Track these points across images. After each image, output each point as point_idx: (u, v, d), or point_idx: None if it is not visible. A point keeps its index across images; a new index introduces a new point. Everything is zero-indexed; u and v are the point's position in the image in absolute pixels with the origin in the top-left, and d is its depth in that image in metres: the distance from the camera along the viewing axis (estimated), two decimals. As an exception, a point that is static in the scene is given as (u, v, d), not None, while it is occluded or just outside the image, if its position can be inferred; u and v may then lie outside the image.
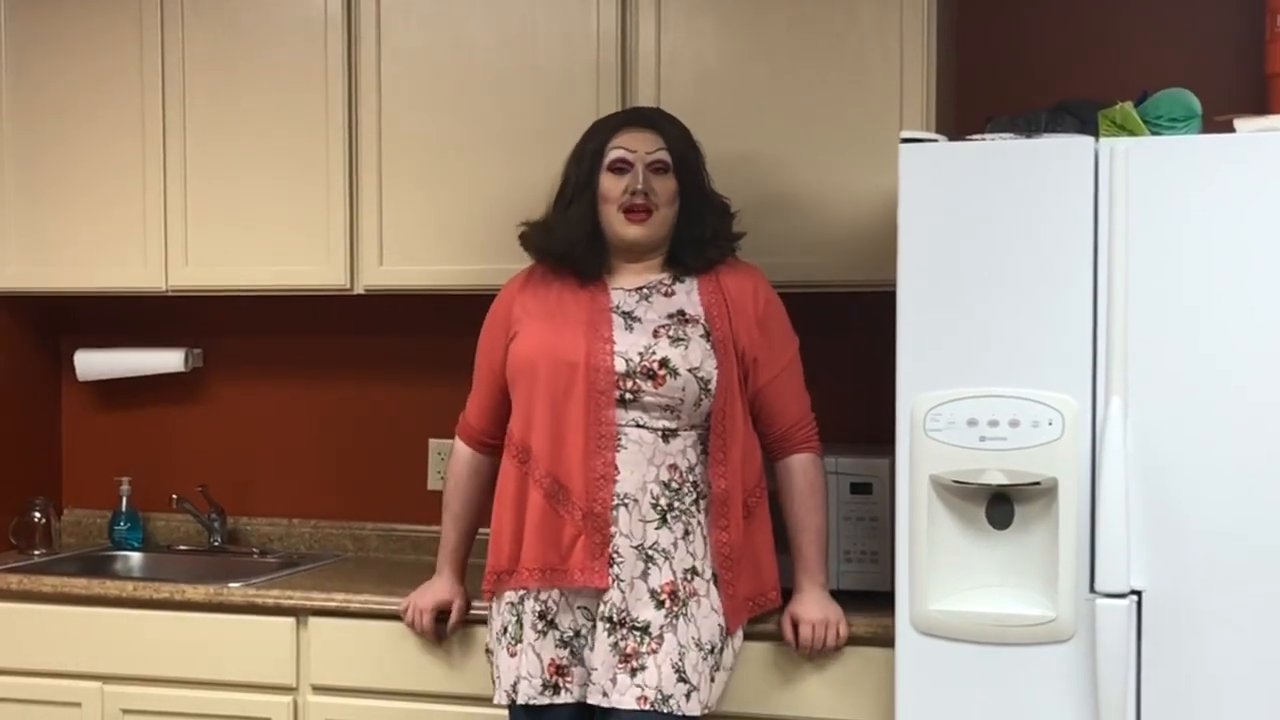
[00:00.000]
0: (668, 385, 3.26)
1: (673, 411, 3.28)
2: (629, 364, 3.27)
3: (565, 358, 3.29)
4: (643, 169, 3.33)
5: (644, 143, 3.36)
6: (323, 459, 4.56)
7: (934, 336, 3.19)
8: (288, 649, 3.88)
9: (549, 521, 3.28)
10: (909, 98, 3.67)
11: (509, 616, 3.37)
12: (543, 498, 3.29)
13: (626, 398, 3.27)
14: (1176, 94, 3.33)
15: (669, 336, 3.30)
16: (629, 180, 3.33)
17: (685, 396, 3.27)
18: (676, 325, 3.32)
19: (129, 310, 4.60)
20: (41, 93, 4.37)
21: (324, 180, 4.12)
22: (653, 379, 3.26)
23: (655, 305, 3.36)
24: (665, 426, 3.29)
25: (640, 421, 3.28)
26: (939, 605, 3.20)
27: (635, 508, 3.27)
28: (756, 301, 3.39)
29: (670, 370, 3.27)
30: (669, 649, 3.22)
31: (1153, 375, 3.08)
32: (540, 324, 3.37)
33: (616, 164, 3.35)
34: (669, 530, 3.28)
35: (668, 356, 3.27)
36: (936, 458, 3.17)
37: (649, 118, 3.45)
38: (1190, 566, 3.08)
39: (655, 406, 3.28)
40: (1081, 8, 3.98)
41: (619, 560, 3.25)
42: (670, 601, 3.25)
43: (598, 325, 3.32)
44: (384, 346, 4.51)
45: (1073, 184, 3.11)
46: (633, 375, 3.27)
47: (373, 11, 4.08)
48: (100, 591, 4.02)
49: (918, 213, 3.20)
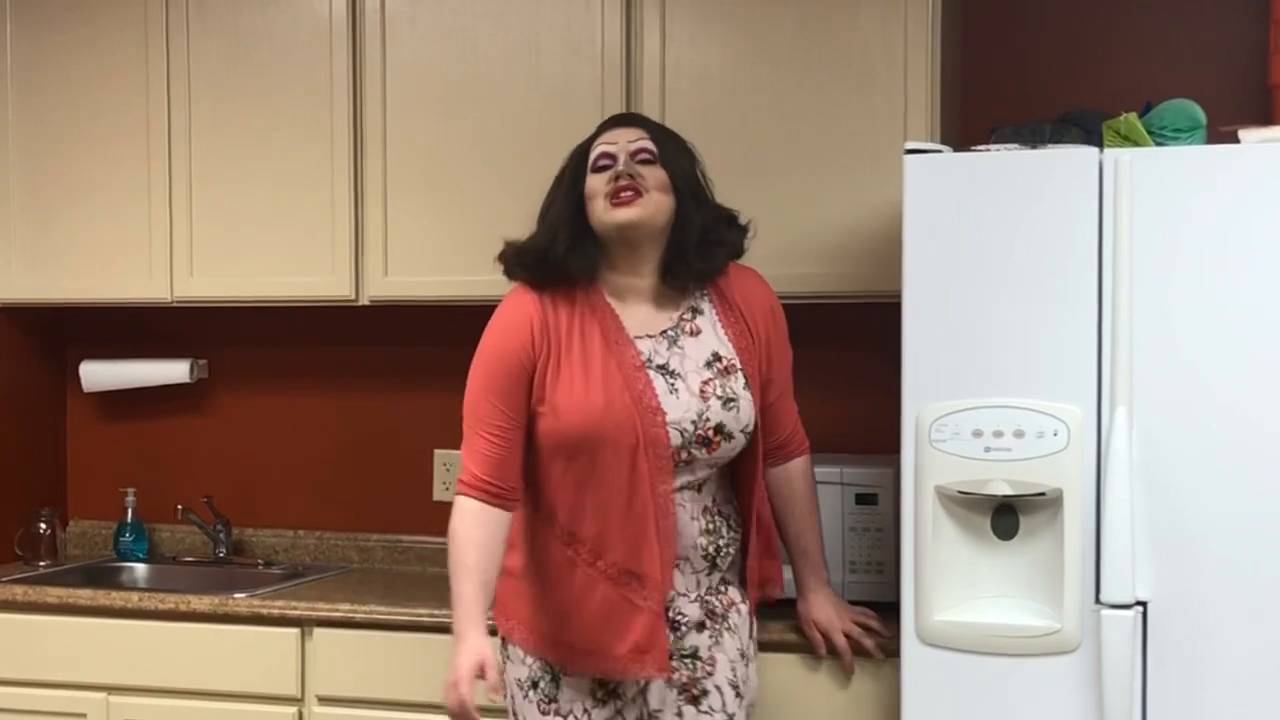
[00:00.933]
0: (721, 449, 3.12)
1: (716, 469, 3.17)
2: (684, 436, 3.08)
3: (624, 439, 3.03)
4: (625, 158, 3.11)
5: (625, 135, 3.15)
6: (328, 470, 4.56)
7: (939, 347, 3.19)
8: (292, 660, 3.88)
9: (620, 613, 3.06)
10: (913, 109, 3.67)
11: (541, 673, 3.17)
12: (611, 587, 3.06)
13: (679, 467, 3.09)
14: (1181, 105, 3.33)
15: (718, 397, 3.11)
16: (612, 171, 3.10)
17: (733, 453, 3.16)
18: (719, 379, 3.13)
19: (134, 321, 4.61)
20: (47, 104, 4.38)
21: (329, 191, 4.12)
22: (707, 445, 3.10)
23: (688, 352, 3.14)
24: (704, 478, 3.15)
25: (684, 484, 3.11)
26: (944, 616, 3.20)
27: (687, 564, 3.13)
28: (773, 320, 3.26)
29: (725, 435, 3.11)
30: (723, 669, 3.16)
31: (1158, 385, 3.08)
32: (576, 398, 3.07)
33: (599, 160, 3.13)
34: (718, 570, 3.19)
35: (722, 422, 3.11)
36: (941, 468, 3.17)
37: (629, 117, 3.32)
38: (1196, 577, 3.07)
39: (704, 466, 3.13)
40: (1086, 19, 3.98)
41: (684, 620, 3.14)
42: (710, 621, 3.16)
43: (637, 389, 3.06)
44: (389, 357, 4.51)
45: (1077, 195, 3.11)
46: (687, 446, 3.08)
47: (378, 23, 4.09)
48: (105, 602, 4.02)
49: (922, 224, 3.20)
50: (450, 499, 4.39)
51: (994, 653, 3.17)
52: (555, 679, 3.14)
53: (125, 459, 4.72)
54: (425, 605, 3.82)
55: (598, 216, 3.10)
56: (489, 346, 3.15)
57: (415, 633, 3.78)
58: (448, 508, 4.43)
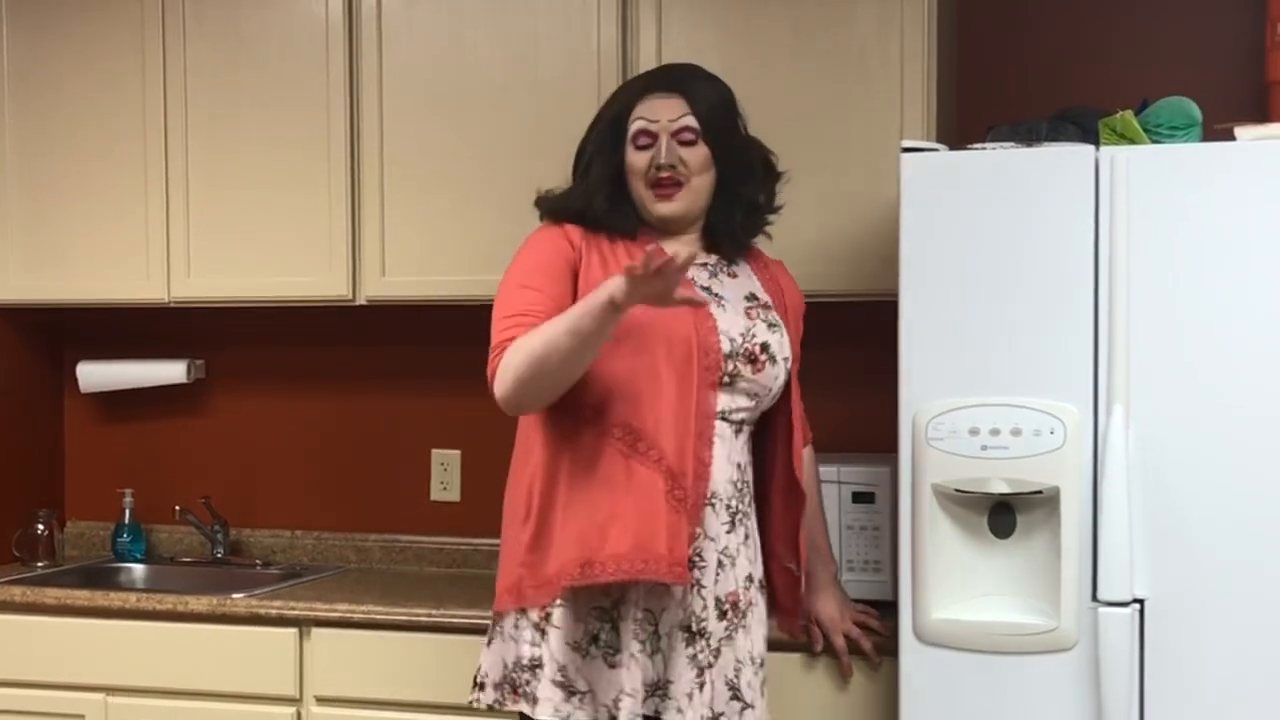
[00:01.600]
0: (765, 372, 3.03)
1: (755, 401, 3.05)
2: (733, 344, 2.99)
3: (678, 331, 2.93)
4: (667, 140, 3.02)
5: (667, 110, 3.04)
6: (325, 470, 4.56)
7: (935, 346, 3.19)
8: (290, 660, 3.88)
9: (672, 513, 2.91)
10: (909, 107, 3.68)
11: (597, 623, 2.98)
12: (665, 487, 2.90)
13: (725, 381, 2.98)
14: (1177, 102, 3.33)
15: (763, 320, 3.07)
16: (654, 154, 3.02)
17: (774, 386, 3.06)
18: (760, 309, 3.09)
19: (131, 322, 4.61)
20: (44, 105, 4.38)
21: (326, 191, 4.12)
22: (753, 363, 3.00)
23: (726, 285, 3.10)
24: (742, 419, 3.03)
25: (725, 412, 3.00)
26: (941, 614, 3.20)
27: (719, 508, 3.01)
28: (798, 296, 3.26)
29: (770, 356, 3.03)
30: (724, 664, 3.05)
31: (1154, 383, 3.08)
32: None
33: (640, 137, 3.04)
34: (735, 534, 3.05)
35: (768, 341, 3.04)
36: (938, 467, 3.17)
37: (674, 80, 3.10)
38: (1193, 575, 3.07)
39: (744, 394, 3.02)
40: (1081, 17, 3.98)
41: (700, 564, 2.99)
42: (732, 613, 3.05)
43: (686, 294, 2.88)
44: (386, 357, 4.51)
45: (1073, 193, 3.11)
46: (735, 357, 2.99)
47: (374, 23, 4.09)
48: (103, 603, 4.02)
49: (918, 222, 3.20)
50: (448, 499, 4.44)
51: (991, 651, 3.17)
52: (613, 624, 2.97)
53: (123, 460, 4.72)
54: (423, 605, 3.83)
55: (639, 200, 3.06)
56: (521, 259, 3.04)
57: (413, 632, 3.78)
58: (445, 507, 4.48)
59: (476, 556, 4.37)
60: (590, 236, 3.03)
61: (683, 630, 2.98)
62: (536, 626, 2.99)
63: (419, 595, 3.97)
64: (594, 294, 2.78)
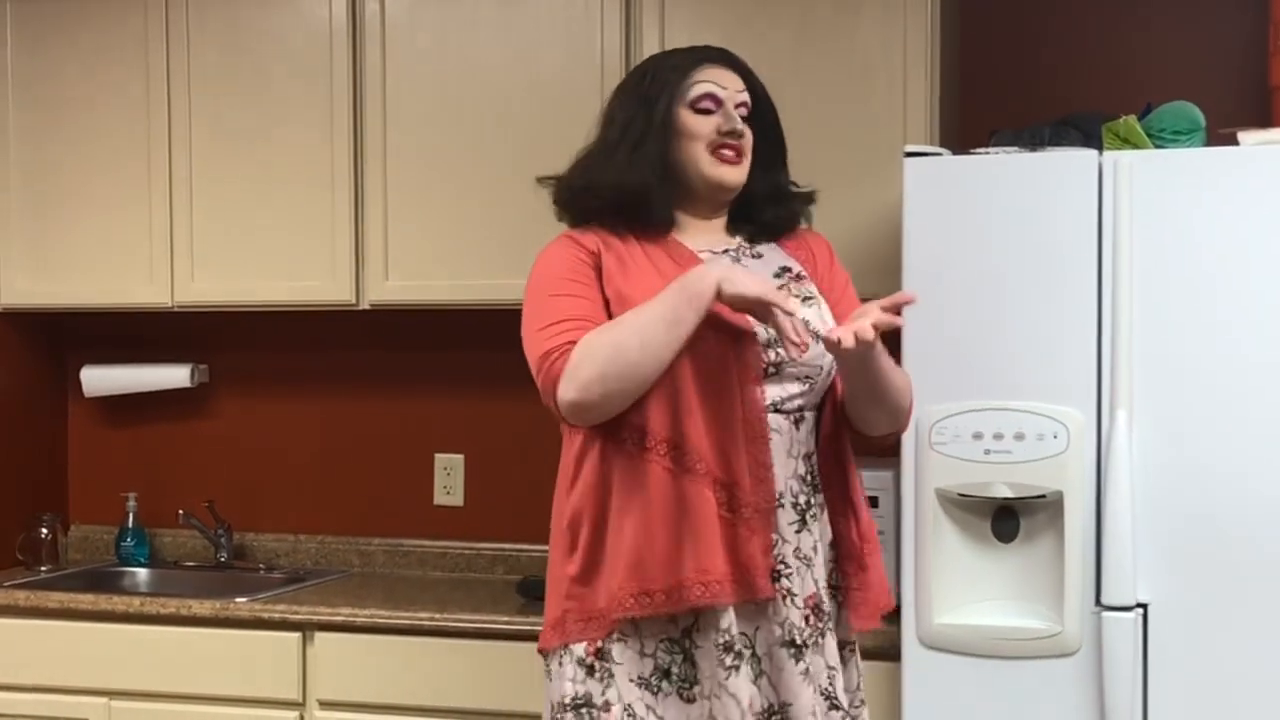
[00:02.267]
0: (811, 352, 2.68)
1: (809, 386, 2.75)
2: (768, 330, 2.68)
3: (706, 327, 2.65)
4: (732, 108, 2.82)
5: (731, 81, 2.84)
6: (329, 474, 4.57)
7: (938, 350, 3.19)
8: (294, 664, 3.88)
9: (729, 527, 2.66)
10: (912, 112, 3.68)
11: (667, 656, 2.71)
12: (717, 500, 2.66)
13: (769, 371, 2.71)
14: (1180, 107, 3.34)
15: (795, 295, 2.77)
16: (720, 119, 2.80)
17: (824, 364, 2.75)
18: (793, 282, 2.82)
19: (135, 326, 4.61)
20: (48, 110, 4.38)
21: (329, 196, 4.13)
22: (794, 345, 2.63)
23: (752, 269, 2.80)
24: (798, 406, 2.75)
25: (777, 403, 2.72)
26: (945, 619, 3.20)
27: (787, 508, 2.74)
28: (836, 263, 2.95)
29: (812, 333, 2.68)
30: (816, 673, 2.75)
31: (1158, 388, 3.08)
32: (647, 281, 2.73)
33: (704, 100, 2.80)
34: (808, 533, 2.75)
35: (807, 319, 2.70)
36: (942, 471, 3.18)
37: (727, 56, 2.91)
38: (1196, 579, 3.07)
39: (793, 379, 2.73)
40: (1085, 22, 3.98)
41: (786, 571, 2.71)
42: (814, 616, 2.75)
43: None
44: (390, 362, 4.51)
45: (1077, 197, 3.12)
46: (774, 343, 2.70)
47: (378, 28, 4.09)
48: (107, 607, 4.02)
49: (921, 226, 3.20)
50: (451, 503, 4.44)
51: (995, 655, 3.17)
52: (686, 654, 2.71)
53: (126, 464, 4.72)
54: (426, 609, 3.83)
55: (694, 163, 2.80)
56: (541, 273, 2.80)
57: (416, 636, 3.78)
58: (448, 512, 4.48)
59: (480, 561, 4.38)
60: (605, 238, 2.80)
61: (785, 646, 2.71)
62: (582, 663, 2.73)
63: (422, 599, 3.97)
64: (690, 281, 2.62)
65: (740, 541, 2.66)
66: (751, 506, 2.67)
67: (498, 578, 4.30)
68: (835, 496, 2.81)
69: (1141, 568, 3.08)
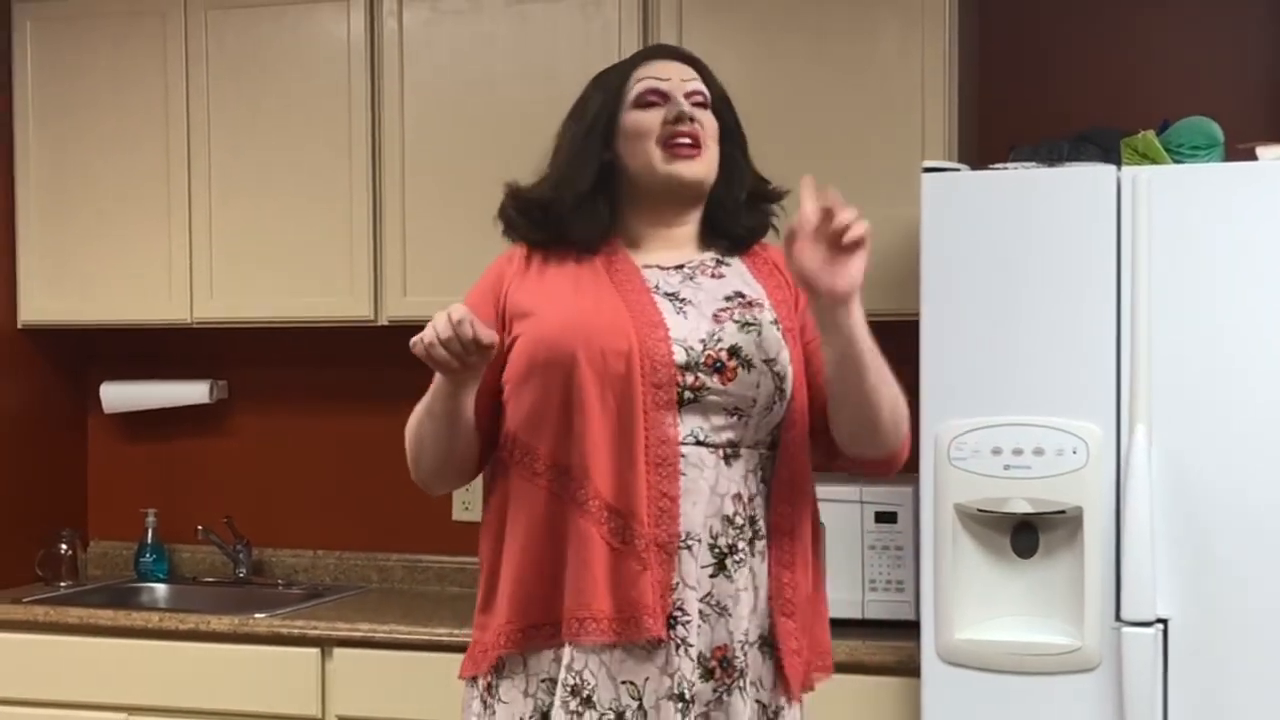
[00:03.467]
0: (739, 380, 2.47)
1: (740, 418, 2.50)
2: (689, 354, 2.47)
3: (611, 345, 2.46)
4: (681, 98, 2.56)
5: (676, 71, 2.61)
6: (347, 490, 4.57)
7: (957, 365, 3.19)
8: (313, 680, 3.88)
9: (618, 559, 2.44)
10: (930, 127, 3.68)
11: (547, 697, 2.51)
12: (605, 531, 2.45)
13: (686, 397, 2.46)
14: (1198, 122, 3.34)
15: (735, 321, 2.52)
16: (666, 110, 2.55)
17: (759, 396, 2.49)
18: (740, 309, 2.54)
19: (154, 343, 4.62)
20: (67, 127, 4.40)
21: (348, 213, 4.14)
22: (720, 373, 2.47)
23: (704, 287, 2.57)
24: (729, 441, 2.50)
25: (700, 435, 2.48)
26: (964, 634, 3.19)
27: (698, 549, 2.48)
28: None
29: (743, 361, 2.48)
30: None
31: (1177, 403, 3.08)
32: (559, 304, 2.53)
33: (647, 96, 2.58)
34: (727, 579, 2.50)
35: (738, 344, 2.49)
36: (961, 486, 3.17)
37: (674, 50, 2.74)
38: (1217, 595, 3.07)
39: (720, 411, 2.48)
40: (1103, 37, 3.98)
41: (684, 619, 2.46)
42: (721, 671, 2.49)
43: (635, 301, 2.52)
44: (408, 377, 4.48)
45: (1095, 212, 3.12)
46: (694, 368, 2.47)
47: (395, 45, 4.10)
48: (126, 623, 4.03)
49: (940, 242, 3.20)
50: (470, 518, 4.43)
51: (1015, 671, 3.17)
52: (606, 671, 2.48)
53: (146, 480, 4.73)
54: (445, 625, 3.83)
55: (648, 163, 2.56)
56: (467, 296, 2.65)
57: (435, 652, 3.78)
58: (467, 527, 4.47)
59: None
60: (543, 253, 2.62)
61: (673, 700, 2.45)
62: (481, 698, 2.59)
63: (441, 615, 3.97)
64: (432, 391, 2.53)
65: (628, 576, 2.44)
66: (648, 539, 2.44)
67: (516, 593, 4.30)
68: (782, 545, 2.55)
69: (1161, 583, 3.08)
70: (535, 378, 2.51)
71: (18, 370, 4.55)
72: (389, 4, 4.11)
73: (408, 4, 4.10)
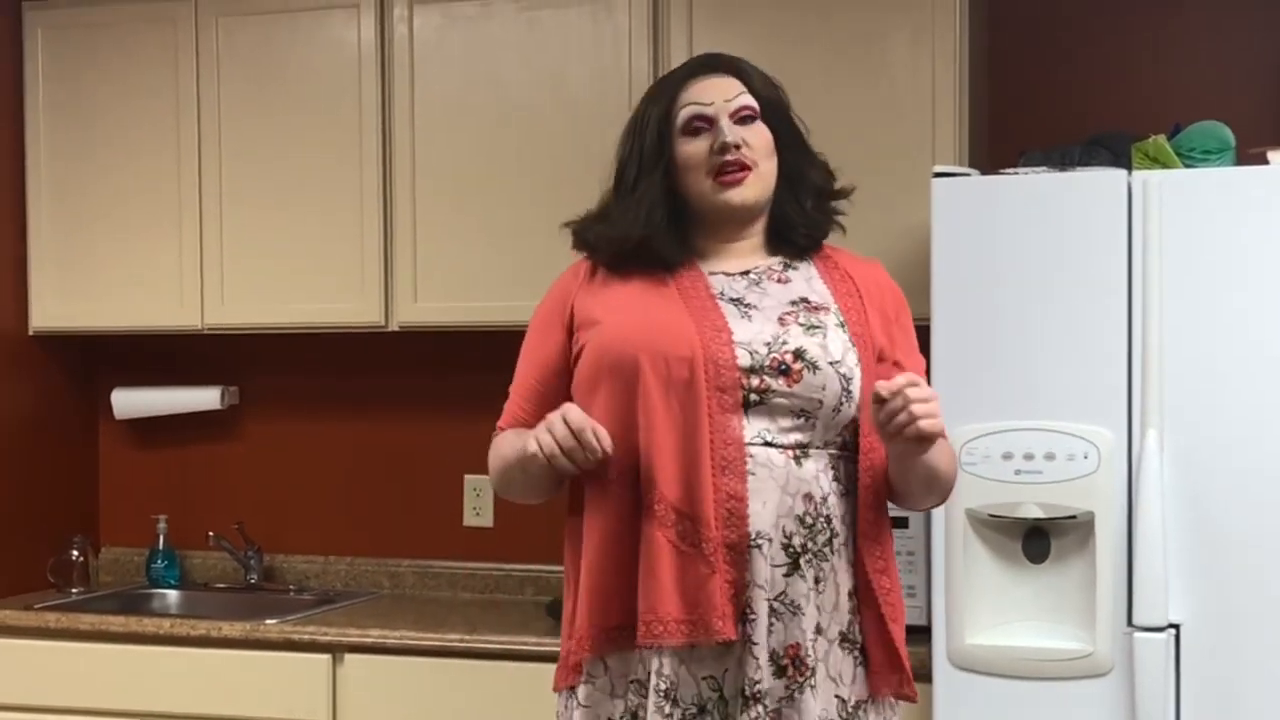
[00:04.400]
0: (805, 382, 2.50)
1: (808, 420, 2.52)
2: (754, 357, 2.51)
3: (675, 350, 2.50)
4: (727, 120, 2.59)
5: (720, 90, 2.63)
6: (358, 496, 4.57)
7: (968, 370, 3.19)
8: (324, 686, 3.88)
9: (686, 563, 2.47)
10: (941, 132, 3.68)
11: (636, 698, 2.55)
12: (673, 535, 2.48)
13: (752, 400, 2.50)
14: (1209, 126, 3.33)
15: (800, 324, 2.56)
16: (712, 137, 2.59)
17: (825, 398, 2.51)
18: (805, 312, 2.59)
19: (166, 348, 4.63)
20: (78, 133, 4.41)
21: (358, 218, 4.14)
22: (786, 375, 2.50)
23: (770, 292, 2.62)
24: (798, 442, 2.52)
25: (767, 437, 2.51)
26: (976, 640, 3.19)
27: (769, 549, 2.50)
28: (890, 294, 2.73)
29: (808, 363, 2.51)
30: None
31: (1189, 407, 3.07)
32: (624, 315, 2.57)
33: (693, 124, 2.60)
34: (801, 579, 2.52)
35: (803, 347, 2.52)
36: (972, 491, 3.17)
37: (721, 61, 2.71)
38: (1229, 600, 3.06)
39: (786, 413, 2.51)
40: (1114, 41, 3.98)
41: (751, 617, 2.49)
42: (793, 669, 2.51)
43: (704, 313, 2.56)
44: (419, 383, 4.52)
45: (1106, 217, 3.11)
46: (759, 371, 2.51)
47: (406, 51, 4.11)
48: (137, 629, 4.03)
49: (951, 247, 3.20)
50: (481, 524, 4.44)
51: (1026, 676, 3.16)
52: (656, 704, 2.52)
53: (157, 486, 4.73)
54: (456, 631, 3.83)
55: (701, 193, 2.61)
56: (538, 309, 2.74)
57: (446, 658, 3.78)
58: (478, 533, 4.48)
59: (509, 582, 4.38)
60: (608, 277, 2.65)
61: (744, 699, 2.50)
62: (582, 705, 2.61)
63: (452, 621, 3.98)
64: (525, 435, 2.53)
65: (696, 579, 2.47)
66: (716, 542, 2.47)
67: (527, 599, 4.30)
68: (873, 551, 2.60)
69: (1173, 588, 3.07)
70: (601, 385, 2.56)
71: (29, 376, 4.56)
72: (400, 10, 4.11)
73: (419, 10, 4.11)
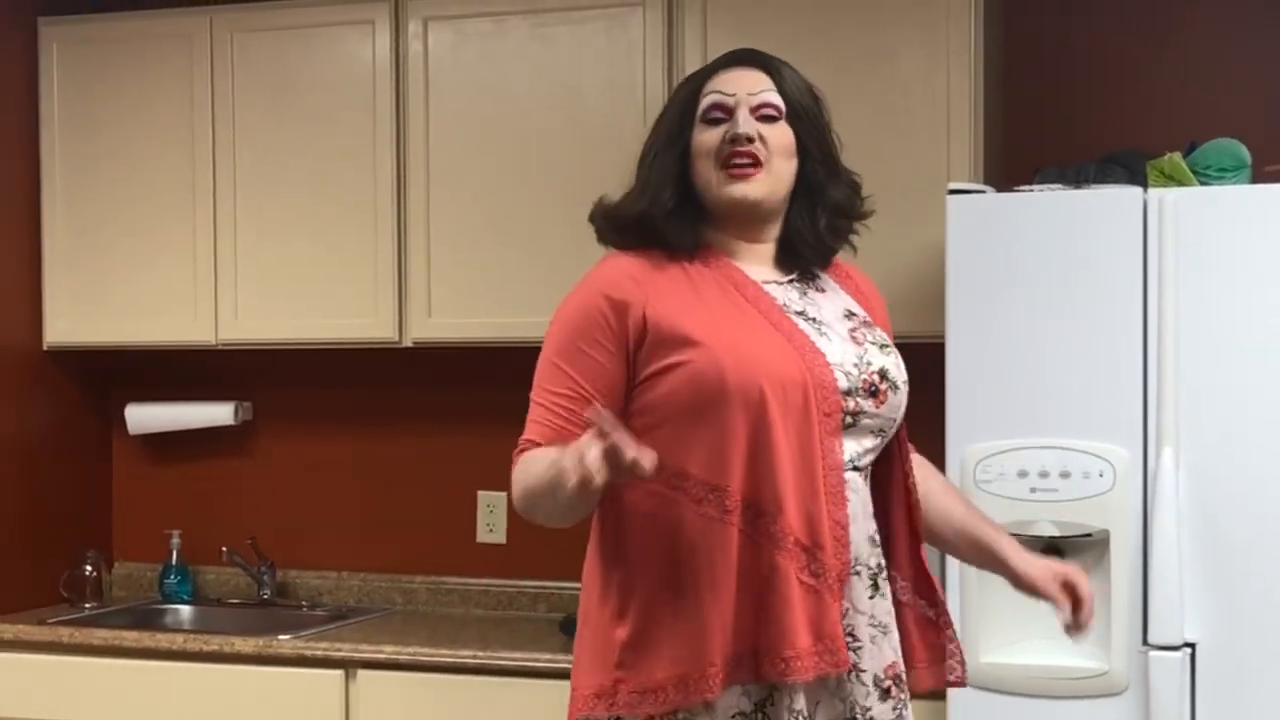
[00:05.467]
0: (889, 403, 2.47)
1: (882, 439, 2.50)
2: (849, 379, 2.44)
3: (789, 375, 2.39)
4: (745, 114, 2.49)
5: (746, 83, 2.53)
6: (371, 512, 4.57)
7: (983, 388, 3.18)
8: (336, 701, 3.88)
9: (812, 594, 2.39)
10: (955, 149, 3.67)
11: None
12: (799, 566, 2.37)
13: (846, 423, 2.44)
14: (1225, 144, 3.33)
15: (872, 343, 2.51)
16: (727, 128, 2.48)
17: (898, 416, 2.51)
18: (864, 329, 2.54)
19: (179, 364, 4.63)
20: (93, 150, 4.42)
21: (372, 234, 4.15)
22: (874, 396, 2.45)
23: (821, 304, 2.55)
24: (869, 462, 2.50)
25: (854, 459, 2.46)
26: (991, 658, 3.18)
27: (863, 574, 2.47)
28: (882, 305, 2.69)
29: (891, 383, 2.48)
30: None
31: (1204, 425, 3.07)
32: (724, 334, 2.42)
33: (712, 112, 2.50)
34: (882, 598, 2.50)
35: (885, 367, 2.48)
36: (987, 509, 3.15)
37: (754, 56, 2.61)
38: (1244, 618, 3.05)
39: (869, 433, 2.47)
40: (1130, 59, 3.97)
41: (855, 644, 2.44)
42: (895, 688, 2.48)
43: (790, 332, 2.46)
44: (433, 399, 4.52)
45: (1122, 234, 3.11)
46: (854, 393, 2.44)
47: (420, 68, 4.11)
48: (150, 644, 4.04)
49: (965, 264, 3.20)
50: (494, 541, 4.44)
51: (1041, 695, 3.16)
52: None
53: (170, 501, 4.74)
54: (469, 647, 3.83)
55: (707, 183, 2.49)
56: (568, 305, 2.51)
57: (459, 674, 3.78)
58: (491, 549, 4.48)
59: (522, 599, 4.37)
60: (652, 262, 2.49)
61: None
62: None
63: (465, 637, 3.97)
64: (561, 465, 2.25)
65: (821, 609, 2.38)
66: (834, 572, 2.40)
67: (540, 615, 4.30)
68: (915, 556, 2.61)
69: (1189, 607, 3.06)
70: (710, 412, 2.39)
71: (43, 392, 4.56)
72: (414, 26, 4.12)
73: (433, 26, 4.11)
